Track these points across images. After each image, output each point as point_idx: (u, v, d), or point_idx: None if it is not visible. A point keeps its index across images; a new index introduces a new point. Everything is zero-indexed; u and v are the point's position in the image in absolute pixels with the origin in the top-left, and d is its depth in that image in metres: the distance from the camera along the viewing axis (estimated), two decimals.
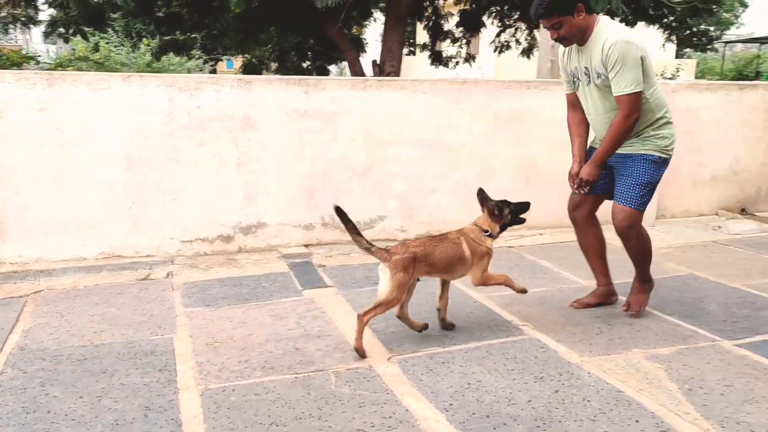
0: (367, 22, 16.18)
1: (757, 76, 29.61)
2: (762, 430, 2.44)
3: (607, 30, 3.22)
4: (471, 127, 5.23)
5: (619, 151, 3.36)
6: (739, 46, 34.25)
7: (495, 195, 5.34)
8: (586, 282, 4.21)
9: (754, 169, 6.15)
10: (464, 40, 15.32)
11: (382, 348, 3.20)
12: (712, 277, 4.36)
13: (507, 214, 3.40)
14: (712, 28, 33.13)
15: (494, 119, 5.28)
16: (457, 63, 16.01)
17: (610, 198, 3.51)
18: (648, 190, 3.39)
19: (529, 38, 13.37)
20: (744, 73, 31.35)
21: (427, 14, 14.59)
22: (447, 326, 3.42)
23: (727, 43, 32.14)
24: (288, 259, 4.68)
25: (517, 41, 13.57)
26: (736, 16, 35.96)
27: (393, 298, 3.04)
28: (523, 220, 3.48)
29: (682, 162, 5.88)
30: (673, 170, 5.86)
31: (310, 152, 4.84)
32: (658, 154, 3.36)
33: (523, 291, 3.43)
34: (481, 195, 3.46)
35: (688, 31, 32.28)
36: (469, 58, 15.95)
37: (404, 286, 3.06)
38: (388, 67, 10.69)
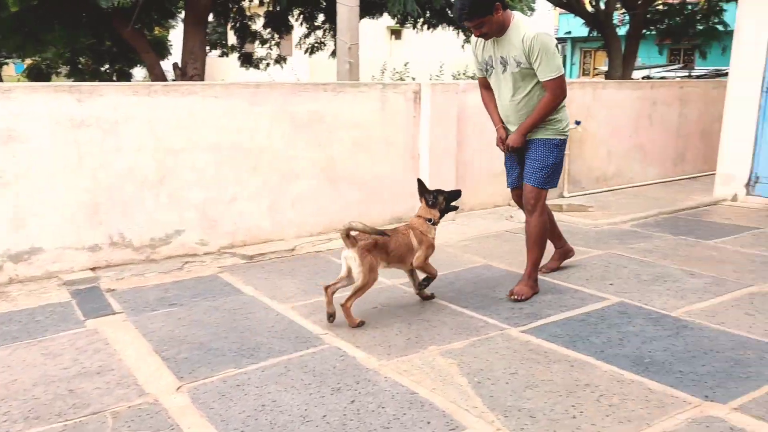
0: (173, 23, 15.35)
1: None
2: (540, 414, 2.56)
3: (524, 24, 3.66)
4: (270, 131, 5.08)
5: (528, 137, 3.85)
6: None
7: (299, 198, 5.26)
8: (390, 282, 4.25)
9: None
10: (273, 42, 15.14)
11: (172, 377, 2.95)
12: (504, 265, 4.62)
13: (442, 201, 3.85)
14: None
15: (293, 122, 5.17)
16: (268, 64, 15.78)
17: None
18: (552, 170, 3.89)
19: (334, 40, 13.50)
20: None
21: (232, 15, 14.18)
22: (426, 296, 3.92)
23: None
24: (70, 286, 4.20)
25: (323, 43, 13.65)
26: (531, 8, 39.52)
27: (368, 280, 3.45)
28: (456, 207, 3.97)
29: (475, 157, 6.21)
30: (468, 165, 6.21)
31: (90, 165, 4.39)
32: (558, 137, 3.87)
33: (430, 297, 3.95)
34: (421, 186, 3.90)
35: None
36: (280, 59, 15.80)
37: (374, 268, 3.46)
38: (191, 70, 10.19)
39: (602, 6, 14.03)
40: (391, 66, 24.80)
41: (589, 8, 14.80)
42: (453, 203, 3.92)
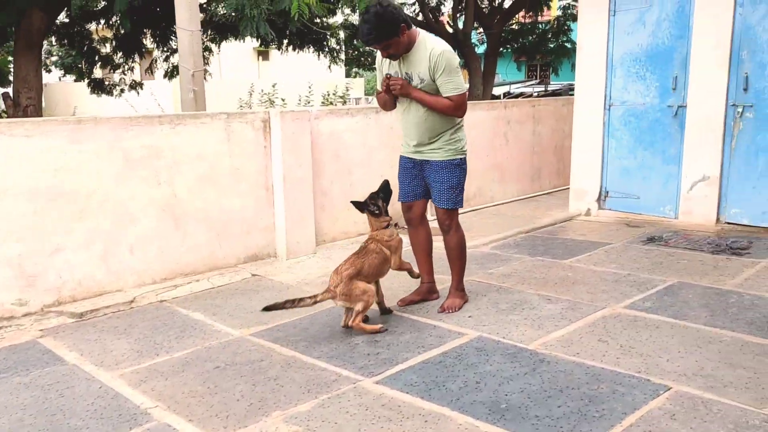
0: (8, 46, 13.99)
1: None
2: None
3: (430, 41, 3.73)
4: (99, 170, 4.54)
5: (428, 158, 3.96)
6: None
7: (138, 242, 4.77)
8: (239, 332, 3.88)
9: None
10: (127, 66, 14.24)
11: None
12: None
13: (382, 204, 4.01)
14: (373, 50, 36.64)
15: (126, 159, 4.66)
16: (122, 90, 14.81)
17: (429, 198, 4.15)
18: (459, 189, 4.00)
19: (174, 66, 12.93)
20: None
21: (77, 38, 13.17)
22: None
23: None
24: None
25: (176, 67, 12.96)
26: None
27: (366, 300, 3.72)
28: (390, 192, 4.07)
29: (333, 185, 5.96)
30: (327, 194, 5.94)
31: None
32: (458, 156, 3.96)
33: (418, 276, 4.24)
34: (357, 205, 4.03)
35: (355, 52, 34.90)
36: (136, 84, 14.89)
37: (363, 288, 3.71)
38: (24, 100, 9.24)
39: (461, 26, 14.42)
40: (260, 87, 24.30)
41: (449, 28, 15.18)
42: (388, 193, 4.06)
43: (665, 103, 6.10)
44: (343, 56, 22.49)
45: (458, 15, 14.53)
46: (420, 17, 15.78)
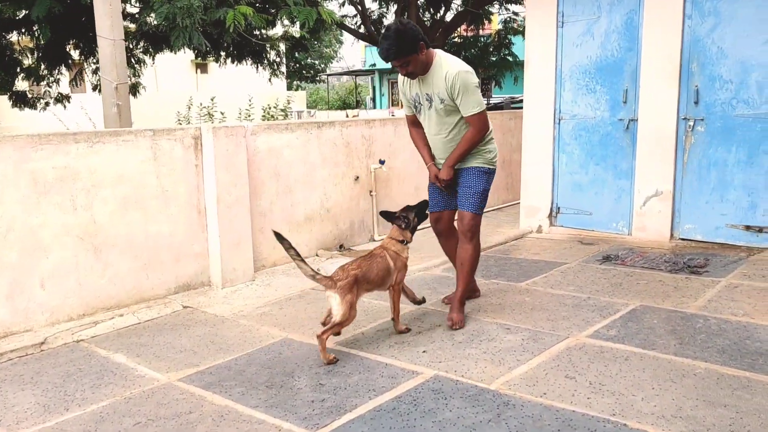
0: None
1: (358, 104, 33.20)
2: None
3: (446, 62, 3.80)
4: (1, 196, 4.01)
5: (458, 166, 3.99)
6: (345, 77, 38.13)
7: (51, 275, 4.31)
8: (166, 377, 3.43)
9: (343, 204, 6.16)
10: (52, 79, 13.42)
11: None
12: (307, 337, 3.96)
13: (414, 219, 3.92)
14: (317, 62, 36.37)
15: (35, 182, 4.14)
16: (47, 104, 13.95)
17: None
18: (483, 196, 4.04)
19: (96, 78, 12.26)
20: (347, 102, 34.92)
21: None
22: (419, 302, 4.17)
23: (329, 75, 35.35)
24: None
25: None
26: (336, 52, 40.19)
27: (347, 318, 3.55)
28: (426, 216, 4.04)
29: (274, 205, 5.54)
30: (267, 215, 5.51)
31: None
32: (487, 165, 4.02)
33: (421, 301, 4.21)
34: (387, 215, 3.96)
35: (297, 65, 34.53)
36: (62, 98, 14.05)
37: (354, 305, 3.56)
38: None
39: None
40: (198, 101, 23.53)
41: None
42: (425, 212, 4.03)
43: (616, 117, 5.95)
44: (284, 69, 22.03)
45: None
46: (362, 30, 15.56)
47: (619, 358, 3.37)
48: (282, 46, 16.83)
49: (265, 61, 12.61)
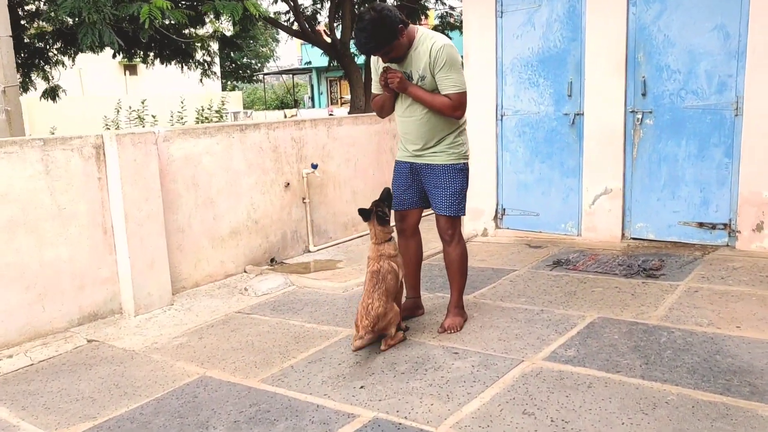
0: None
1: (296, 104, 32.49)
2: None
3: (430, 37, 3.51)
4: None
5: (429, 162, 3.67)
6: (284, 76, 37.29)
7: None
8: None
9: (274, 215, 5.63)
10: None
11: None
12: (227, 374, 3.44)
13: (388, 212, 3.69)
14: (254, 62, 35.42)
15: None
16: None
17: (425, 207, 3.87)
18: (462, 196, 3.71)
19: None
20: (285, 101, 34.14)
21: None
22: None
23: (265, 74, 34.49)
24: None
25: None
26: (272, 51, 39.26)
27: (394, 330, 3.55)
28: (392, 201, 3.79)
29: (193, 219, 4.97)
30: (185, 231, 4.92)
31: None
32: (460, 161, 3.70)
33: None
34: (364, 213, 3.67)
35: (232, 65, 33.54)
36: None
37: (391, 320, 3.50)
38: None
39: (339, 35, 13.73)
40: (128, 104, 22.40)
41: (326, 38, 14.44)
42: (391, 200, 3.78)
43: (561, 111, 5.61)
44: (217, 69, 21.19)
45: (335, 24, 13.86)
46: (295, 26, 14.97)
47: (582, 385, 2.98)
48: (214, 45, 16.08)
49: (192, 61, 11.82)
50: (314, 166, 5.82)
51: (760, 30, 4.64)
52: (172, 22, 9.42)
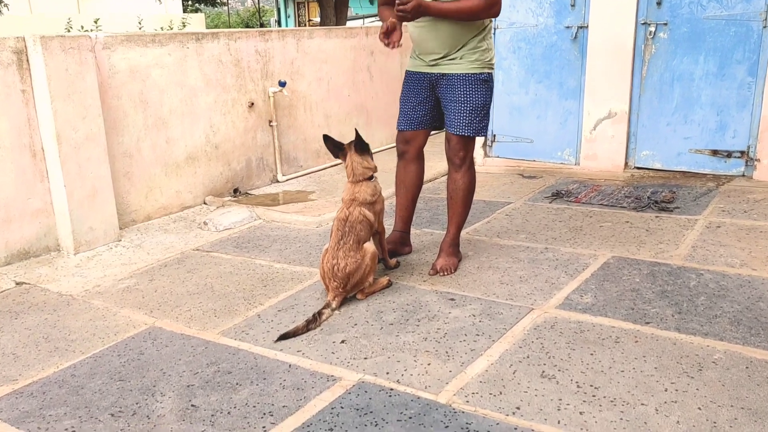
0: None
1: (262, 27, 30.91)
2: None
3: None
4: None
5: (446, 71, 3.13)
6: (248, 2, 35.43)
7: None
8: None
9: (236, 139, 4.96)
10: None
11: None
12: (181, 325, 2.88)
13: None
14: None
15: None
16: None
17: (436, 129, 3.35)
18: (484, 112, 3.19)
19: None
20: (250, 25, 32.49)
21: None
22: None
23: None
24: None
25: None
26: None
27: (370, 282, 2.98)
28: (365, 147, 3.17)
29: (142, 142, 4.29)
30: (133, 156, 4.22)
31: None
32: (487, 71, 3.16)
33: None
34: (332, 141, 3.16)
35: None
36: None
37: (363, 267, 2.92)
38: None
39: None
40: (79, 24, 20.88)
41: None
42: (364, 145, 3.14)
43: (562, 24, 4.96)
44: None
45: None
46: None
47: (607, 340, 2.49)
48: None
49: None
50: (282, 84, 5.12)
51: None
52: None
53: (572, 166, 5.13)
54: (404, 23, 3.09)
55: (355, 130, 3.17)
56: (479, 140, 5.48)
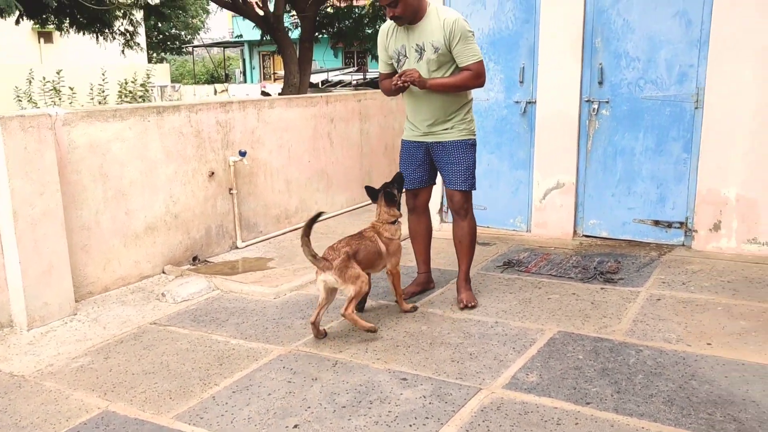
0: None
1: (227, 78, 31.22)
2: None
3: (442, 10, 3.66)
4: None
5: (441, 139, 3.79)
6: (215, 49, 35.81)
7: None
8: None
9: (196, 208, 5.03)
10: None
11: None
12: (135, 408, 2.89)
13: (397, 194, 3.75)
14: (183, 33, 33.74)
15: None
16: None
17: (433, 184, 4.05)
18: (474, 170, 3.86)
19: None
20: (216, 75, 32.76)
21: None
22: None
23: (195, 46, 33.02)
24: None
25: None
26: (202, 22, 37.56)
27: (360, 289, 3.41)
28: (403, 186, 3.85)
29: (101, 215, 4.33)
30: (92, 228, 4.25)
31: None
32: (472, 137, 3.86)
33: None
34: (369, 191, 3.79)
35: (160, 36, 31.77)
36: None
37: (360, 275, 3.42)
38: None
39: (272, 8, 12.98)
40: (42, 74, 20.78)
41: (259, 11, 13.64)
42: (402, 185, 3.84)
43: (512, 99, 5.23)
44: (142, 40, 19.90)
45: None
46: None
47: (549, 422, 2.60)
48: (138, 14, 15.01)
49: (109, 31, 10.86)
50: (242, 153, 5.24)
51: (725, 18, 4.37)
52: None
53: (524, 233, 5.32)
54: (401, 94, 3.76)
55: (386, 185, 3.77)
56: (436, 206, 5.65)
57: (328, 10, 15.02)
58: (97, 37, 10.96)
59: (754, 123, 4.39)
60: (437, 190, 5.60)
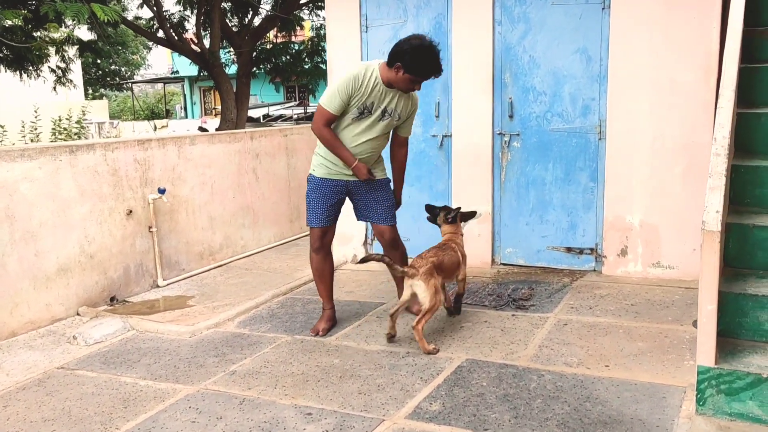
0: None
1: (168, 114, 30.90)
2: None
3: None
4: None
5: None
6: (158, 85, 35.45)
7: None
8: None
9: (113, 247, 4.95)
10: None
11: None
12: None
13: (458, 217, 4.21)
14: (123, 69, 33.32)
15: None
16: None
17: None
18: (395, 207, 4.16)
19: None
20: (156, 111, 32.39)
21: None
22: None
23: (133, 83, 32.64)
24: None
25: None
26: (143, 58, 37.20)
27: (436, 302, 3.65)
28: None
29: (7, 258, 4.22)
30: (1, 269, 4.19)
31: None
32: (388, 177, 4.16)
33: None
34: (430, 209, 4.32)
35: (99, 72, 31.24)
36: None
37: (439, 289, 3.69)
38: None
39: (207, 44, 12.98)
40: None
41: (194, 47, 13.62)
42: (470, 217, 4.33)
43: (429, 133, 5.37)
44: (76, 77, 19.58)
45: (203, 33, 13.10)
46: (161, 34, 14.04)
47: None
48: (71, 51, 14.75)
49: (34, 68, 10.65)
50: (161, 191, 5.21)
51: (621, 54, 4.62)
52: (8, 23, 8.39)
53: None
54: (345, 137, 3.84)
55: (446, 207, 4.26)
56: (359, 237, 5.72)
57: (266, 46, 15.12)
58: (21, 76, 10.70)
59: (650, 152, 4.63)
60: (360, 223, 5.68)
